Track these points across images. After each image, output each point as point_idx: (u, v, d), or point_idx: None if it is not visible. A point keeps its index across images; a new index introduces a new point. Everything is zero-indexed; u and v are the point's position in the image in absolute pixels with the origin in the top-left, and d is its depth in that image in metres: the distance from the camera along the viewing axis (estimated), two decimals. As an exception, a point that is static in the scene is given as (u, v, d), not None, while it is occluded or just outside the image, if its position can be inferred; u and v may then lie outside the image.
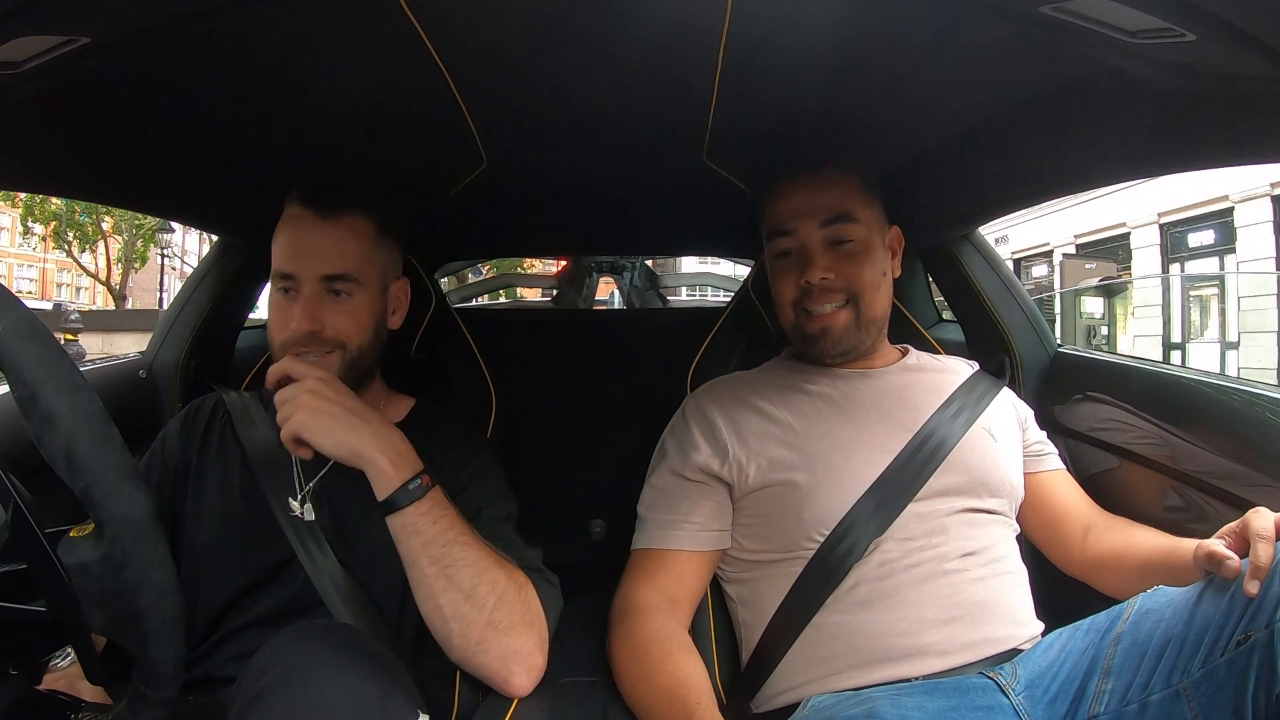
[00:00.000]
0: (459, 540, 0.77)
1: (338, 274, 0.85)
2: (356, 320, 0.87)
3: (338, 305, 0.86)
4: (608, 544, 1.40)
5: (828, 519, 0.84)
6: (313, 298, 0.84)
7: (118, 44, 0.61)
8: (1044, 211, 10.58)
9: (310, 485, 0.87)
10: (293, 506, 0.86)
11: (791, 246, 0.95)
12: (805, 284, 0.93)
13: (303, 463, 0.88)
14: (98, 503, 0.51)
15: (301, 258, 0.85)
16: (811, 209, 0.93)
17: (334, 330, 0.85)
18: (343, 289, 0.86)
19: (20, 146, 0.74)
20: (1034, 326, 1.18)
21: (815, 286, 0.92)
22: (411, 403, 0.97)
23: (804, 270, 0.93)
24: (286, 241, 0.86)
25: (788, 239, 0.95)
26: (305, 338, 0.84)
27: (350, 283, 0.86)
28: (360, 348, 0.87)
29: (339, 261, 0.85)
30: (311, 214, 0.85)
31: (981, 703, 0.74)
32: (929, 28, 0.68)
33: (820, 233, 0.93)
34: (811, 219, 0.93)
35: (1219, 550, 0.66)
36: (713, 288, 3.64)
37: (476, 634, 0.76)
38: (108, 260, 16.31)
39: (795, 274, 0.94)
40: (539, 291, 3.73)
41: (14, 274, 25.02)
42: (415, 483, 0.76)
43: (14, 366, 0.50)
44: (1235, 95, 0.61)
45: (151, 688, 0.54)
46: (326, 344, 0.85)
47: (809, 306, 0.94)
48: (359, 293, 0.87)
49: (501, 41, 0.71)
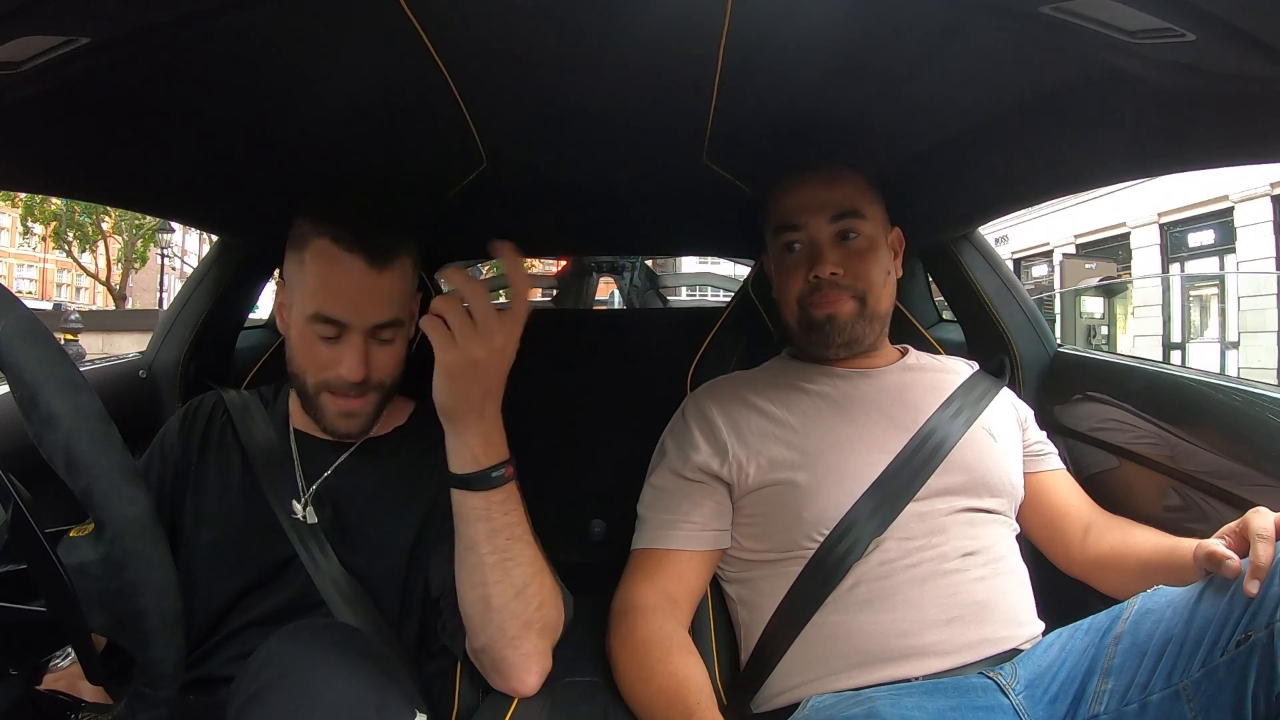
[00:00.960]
0: (523, 538, 0.77)
1: (388, 321, 0.83)
2: (397, 360, 0.86)
3: (383, 350, 0.84)
4: (608, 544, 1.39)
5: (827, 518, 0.84)
6: (361, 346, 0.81)
7: (118, 44, 0.61)
8: (1044, 211, 10.58)
9: (313, 488, 0.87)
10: (295, 509, 0.85)
11: (800, 241, 0.94)
12: (814, 278, 0.92)
13: (304, 465, 0.88)
14: (98, 503, 0.51)
15: (353, 308, 0.81)
16: (821, 204, 0.93)
17: (376, 374, 0.84)
18: (390, 336, 0.84)
19: (20, 146, 0.74)
20: (1034, 326, 1.18)
21: (825, 281, 0.92)
22: (413, 406, 0.96)
23: (813, 265, 0.92)
24: (332, 285, 0.81)
25: (796, 233, 0.94)
26: (353, 383, 0.82)
27: (398, 328, 0.85)
28: (395, 381, 0.87)
29: (391, 309, 0.83)
30: (363, 262, 0.80)
31: (981, 703, 0.74)
32: (929, 27, 0.68)
33: (830, 228, 0.93)
34: (821, 214, 0.93)
35: (1219, 550, 0.66)
36: (713, 288, 3.64)
37: (515, 629, 0.76)
38: (108, 260, 16.31)
39: (803, 269, 0.93)
40: (539, 291, 3.73)
41: (14, 274, 25.02)
42: (499, 471, 0.75)
43: (14, 366, 0.50)
44: (1235, 95, 0.61)
45: (151, 688, 0.54)
46: (370, 388, 0.84)
47: (816, 301, 0.93)
48: (402, 332, 0.86)
49: (502, 41, 0.71)
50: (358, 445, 0.90)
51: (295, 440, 0.90)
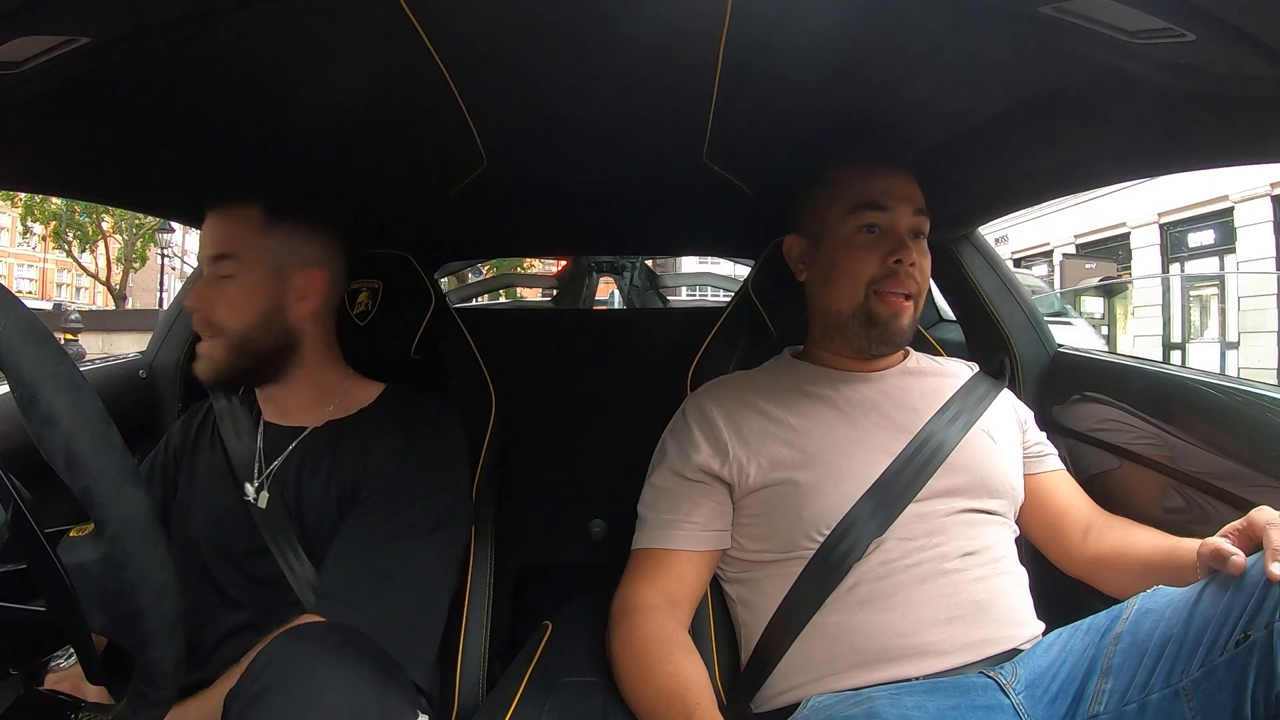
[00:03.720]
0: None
1: (214, 254, 0.89)
2: (236, 306, 0.89)
3: (220, 289, 0.89)
4: (608, 544, 1.40)
5: (828, 518, 0.84)
6: (202, 280, 0.91)
7: (118, 44, 0.61)
8: (1044, 211, 10.57)
9: (268, 471, 0.89)
10: (248, 491, 0.88)
11: (883, 223, 0.91)
12: (896, 263, 0.90)
13: (266, 451, 0.91)
14: (98, 503, 0.51)
15: (200, 246, 0.93)
16: (907, 195, 0.92)
17: (214, 313, 0.89)
18: (224, 271, 0.89)
19: (20, 146, 0.74)
20: (1034, 326, 1.18)
21: (903, 269, 0.90)
22: (380, 388, 0.97)
23: (895, 250, 0.90)
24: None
25: (882, 214, 0.91)
26: (198, 320, 0.90)
27: (229, 261, 0.89)
28: (243, 334, 0.89)
29: (217, 245, 0.90)
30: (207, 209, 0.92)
31: (981, 702, 0.74)
32: (929, 28, 0.68)
33: (911, 220, 0.92)
34: (907, 204, 0.92)
35: (1225, 547, 0.66)
36: (713, 288, 3.64)
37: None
38: (108, 260, 16.31)
39: (881, 252, 0.91)
40: (539, 291, 3.73)
41: (14, 274, 25.01)
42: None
43: (14, 366, 0.50)
44: (1235, 95, 0.61)
45: (151, 688, 0.54)
46: (209, 328, 0.89)
47: (890, 288, 0.91)
48: (242, 275, 0.89)
49: (502, 41, 0.71)
50: (318, 426, 0.92)
51: (264, 430, 0.93)
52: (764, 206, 1.16)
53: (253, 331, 0.89)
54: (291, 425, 0.92)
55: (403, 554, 0.82)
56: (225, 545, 0.87)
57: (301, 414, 0.93)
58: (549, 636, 0.96)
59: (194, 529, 0.89)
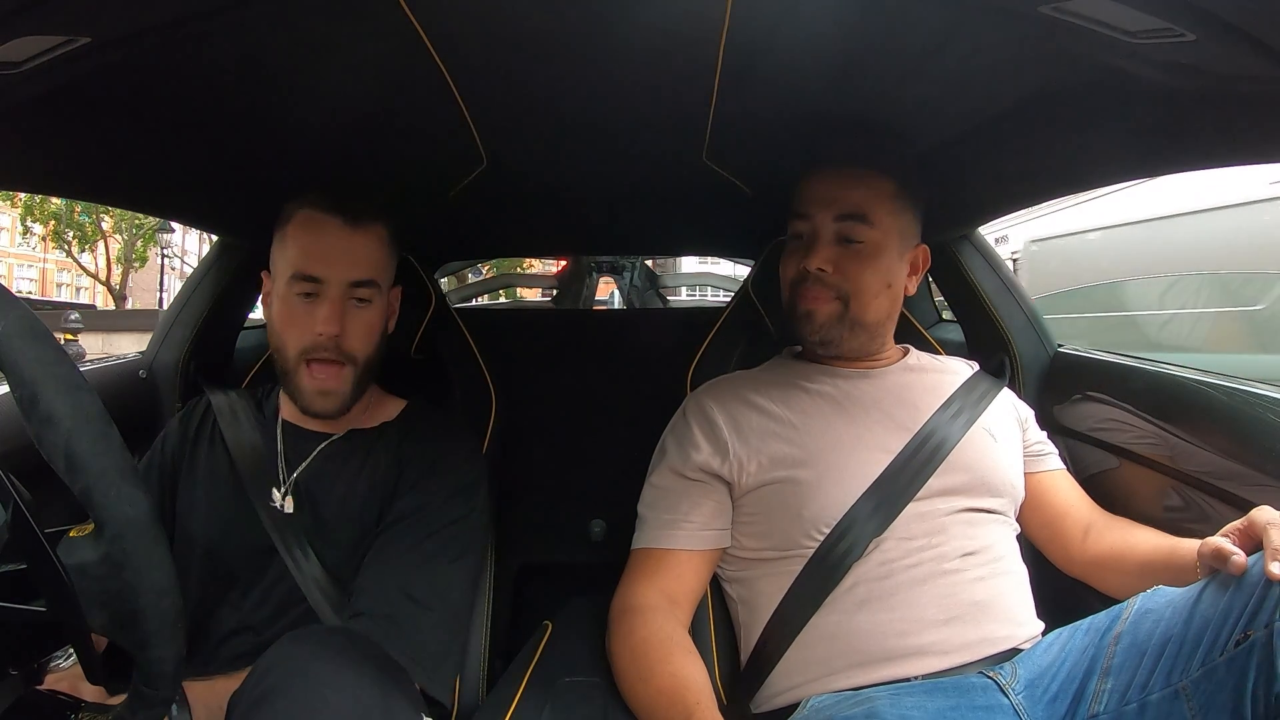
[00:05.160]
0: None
1: (364, 280, 0.86)
2: (372, 331, 0.88)
3: (359, 314, 0.87)
4: (608, 544, 1.40)
5: (828, 516, 0.84)
6: (338, 300, 0.85)
7: (118, 44, 0.61)
8: (1044, 211, 10.55)
9: (293, 476, 0.88)
10: (274, 498, 0.87)
11: (804, 230, 0.94)
12: (803, 269, 0.93)
13: (288, 454, 0.90)
14: (98, 503, 0.51)
15: (330, 262, 0.85)
16: (831, 200, 0.93)
17: (352, 341, 0.86)
18: (365, 296, 0.87)
19: (20, 146, 0.74)
20: (1034, 326, 1.18)
21: (810, 275, 0.92)
22: (403, 404, 0.97)
23: (805, 256, 0.93)
24: (310, 245, 0.86)
25: (802, 222, 0.94)
26: (330, 342, 0.84)
27: (373, 289, 0.87)
28: (369, 360, 0.88)
29: (366, 268, 0.86)
30: (339, 221, 0.86)
31: (981, 702, 0.74)
32: (929, 29, 0.68)
33: (833, 225, 0.93)
34: (828, 210, 0.93)
35: (1225, 546, 0.66)
36: (713, 288, 3.64)
37: None
38: (108, 260, 16.31)
39: (799, 257, 0.94)
40: (539, 291, 3.73)
41: (14, 274, 25.02)
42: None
43: (14, 366, 0.50)
44: (1235, 95, 0.61)
45: (151, 688, 0.54)
46: (342, 355, 0.85)
47: (805, 291, 0.94)
48: (377, 300, 0.88)
49: (502, 42, 0.71)
50: (341, 435, 0.91)
51: (282, 431, 0.92)
52: (764, 206, 1.16)
53: (376, 356, 0.89)
54: (314, 430, 0.92)
55: (432, 580, 0.83)
56: (229, 544, 0.87)
57: (328, 420, 0.92)
58: (549, 636, 0.96)
59: (196, 527, 0.89)
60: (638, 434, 1.03)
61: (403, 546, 0.84)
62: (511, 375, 1.14)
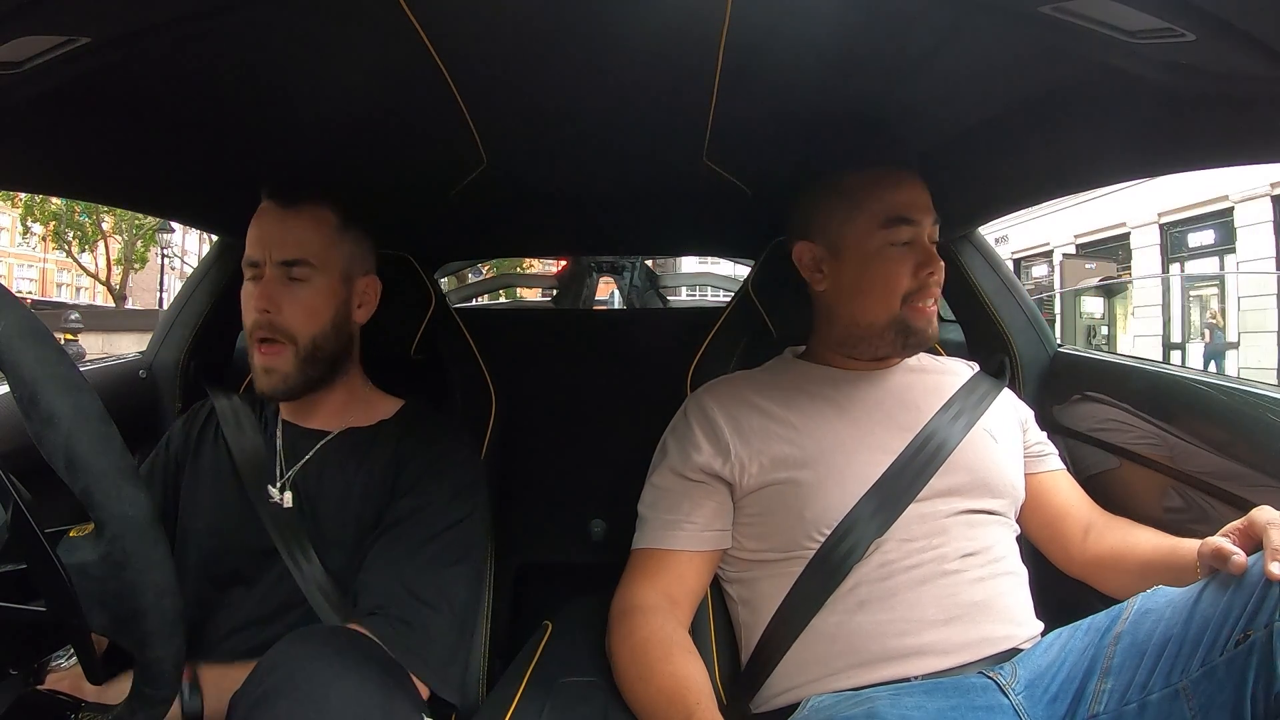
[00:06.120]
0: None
1: (294, 259, 0.87)
2: (310, 310, 0.88)
3: (293, 291, 0.87)
4: (608, 544, 1.40)
5: (829, 518, 0.84)
6: (271, 280, 0.87)
7: (118, 44, 0.61)
8: (1044, 211, 10.57)
9: (290, 473, 0.89)
10: (272, 494, 0.87)
11: (914, 238, 0.91)
12: (929, 276, 0.90)
13: (287, 453, 0.91)
14: (98, 503, 0.51)
15: (265, 244, 0.88)
16: (928, 206, 0.92)
17: (288, 319, 0.87)
18: (299, 275, 0.87)
19: (20, 146, 0.74)
20: (1034, 326, 1.18)
21: (933, 282, 0.91)
22: (400, 403, 0.97)
23: (926, 263, 0.90)
24: (253, 231, 0.89)
25: (911, 229, 0.91)
26: (265, 319, 0.86)
27: (306, 267, 0.87)
28: (314, 340, 0.88)
29: (296, 248, 0.87)
30: (274, 204, 0.89)
31: (981, 702, 0.74)
32: (928, 28, 0.68)
33: (932, 230, 0.92)
34: (929, 216, 0.92)
35: (1225, 546, 0.66)
36: (713, 288, 3.64)
37: None
38: (108, 260, 16.31)
39: (911, 265, 0.91)
40: (539, 291, 3.72)
41: (14, 274, 25.01)
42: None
43: (14, 366, 0.50)
44: (1235, 95, 0.61)
45: (151, 688, 0.54)
46: (279, 334, 0.87)
47: (922, 300, 0.91)
48: (316, 279, 0.88)
49: (502, 41, 0.71)
50: (338, 433, 0.92)
51: (282, 430, 0.93)
52: (763, 207, 1.16)
53: (324, 339, 0.89)
54: (312, 428, 0.92)
55: (438, 582, 0.83)
56: (230, 544, 0.87)
57: (325, 418, 0.93)
58: (549, 636, 0.96)
59: (198, 528, 0.89)
60: (638, 434, 1.03)
61: (406, 548, 0.84)
62: (511, 375, 1.14)
